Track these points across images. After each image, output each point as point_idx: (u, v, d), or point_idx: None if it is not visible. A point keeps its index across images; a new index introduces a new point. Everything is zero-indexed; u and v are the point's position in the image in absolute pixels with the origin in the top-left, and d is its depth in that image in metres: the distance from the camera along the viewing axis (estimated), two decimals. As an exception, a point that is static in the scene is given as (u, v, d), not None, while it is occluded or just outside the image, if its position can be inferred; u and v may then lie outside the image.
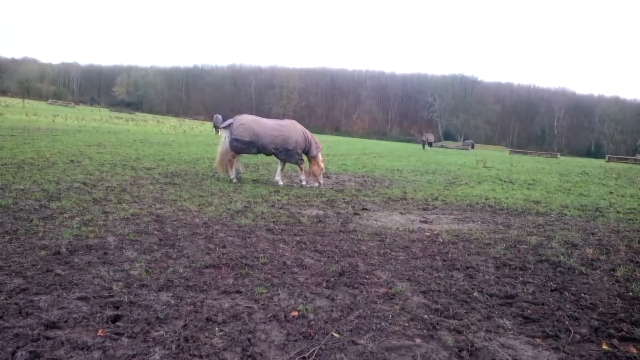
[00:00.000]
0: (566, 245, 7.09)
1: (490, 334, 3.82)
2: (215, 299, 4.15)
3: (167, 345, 3.24)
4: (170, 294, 4.17)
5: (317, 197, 10.42)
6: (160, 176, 11.59)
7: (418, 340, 3.61)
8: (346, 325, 3.79)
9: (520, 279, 5.33)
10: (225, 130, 12.16)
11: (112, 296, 4.01)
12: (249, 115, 12.64)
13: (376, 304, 4.30)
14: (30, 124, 27.18)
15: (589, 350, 3.62)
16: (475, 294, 4.71)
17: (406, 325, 3.87)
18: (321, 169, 12.81)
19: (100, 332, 3.35)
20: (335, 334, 3.60)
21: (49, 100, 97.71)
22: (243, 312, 3.88)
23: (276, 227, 7.14)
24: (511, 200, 12.06)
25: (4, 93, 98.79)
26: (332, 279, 4.90)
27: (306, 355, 3.25)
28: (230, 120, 12.19)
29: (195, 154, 19.29)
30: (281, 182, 12.36)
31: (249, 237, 6.41)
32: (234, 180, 11.87)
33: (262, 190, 10.88)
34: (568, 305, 4.51)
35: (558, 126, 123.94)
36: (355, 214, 8.86)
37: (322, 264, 5.46)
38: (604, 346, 3.68)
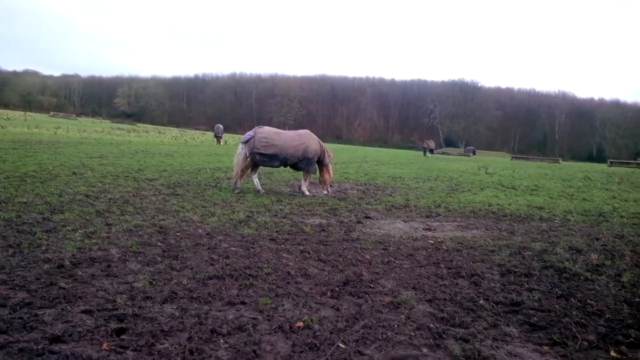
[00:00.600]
0: (571, 251, 7.06)
1: (497, 342, 3.79)
2: (219, 311, 4.13)
3: (172, 357, 3.23)
4: (175, 306, 4.15)
5: (320, 206, 10.40)
6: (162, 187, 11.60)
7: (425, 350, 3.58)
8: (352, 335, 3.77)
9: (526, 285, 5.30)
10: (244, 144, 11.99)
11: (116, 309, 3.99)
12: (269, 127, 12.64)
13: (381, 313, 4.28)
14: (32, 137, 27.26)
15: (597, 357, 3.60)
16: (481, 301, 4.69)
17: (412, 334, 3.84)
18: (331, 177, 13.05)
19: (105, 346, 3.33)
20: (341, 345, 3.58)
21: (51, 113, 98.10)
22: (248, 324, 3.86)
23: (279, 237, 7.13)
24: (514, 206, 12.03)
25: (6, 106, 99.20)
26: (337, 289, 4.88)
27: (312, 366, 3.23)
28: (250, 134, 12.07)
29: (197, 164, 19.31)
30: (307, 192, 12.42)
31: (252, 247, 6.39)
32: (237, 191, 11.85)
33: (265, 199, 10.87)
34: (574, 312, 4.49)
35: (559, 131, 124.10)
36: (359, 222, 8.84)
37: (326, 273, 5.44)
38: (612, 353, 3.65)
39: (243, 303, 4.34)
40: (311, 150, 12.34)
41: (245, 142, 11.97)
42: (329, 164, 12.90)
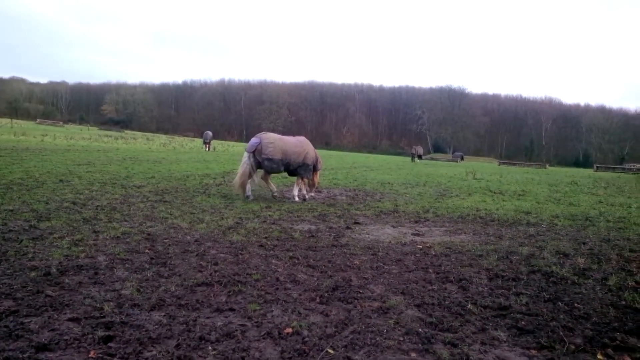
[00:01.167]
0: (558, 255, 7.11)
1: (486, 346, 3.81)
2: (208, 317, 4.11)
3: (161, 365, 3.20)
4: (163, 313, 4.13)
5: (309, 212, 10.40)
6: (150, 194, 11.53)
7: (413, 355, 3.59)
8: (341, 340, 3.77)
9: (514, 290, 5.33)
10: (250, 153, 11.87)
11: (104, 317, 3.96)
12: (272, 133, 12.68)
13: (370, 318, 4.28)
14: (18, 144, 27.01)
15: (584, 360, 3.62)
16: (469, 306, 4.71)
17: (401, 339, 3.85)
18: (318, 182, 13.45)
19: (92, 354, 3.30)
20: (330, 350, 3.58)
21: (38, 120, 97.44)
22: (236, 330, 3.85)
23: (268, 243, 7.12)
24: (502, 211, 12.11)
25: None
26: (326, 294, 4.88)
27: (301, 372, 3.22)
28: (256, 140, 12.01)
29: (185, 170, 19.23)
30: (297, 198, 12.48)
31: (241, 254, 6.37)
32: (251, 198, 11.91)
33: (254, 206, 10.85)
34: (562, 316, 4.52)
35: (546, 137, 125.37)
36: (348, 227, 8.85)
37: (315, 279, 5.44)
38: (599, 356, 3.68)
39: (232, 309, 4.32)
40: (310, 157, 12.56)
41: (253, 151, 11.88)
42: (319, 170, 13.22)
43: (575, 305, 4.85)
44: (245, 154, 11.98)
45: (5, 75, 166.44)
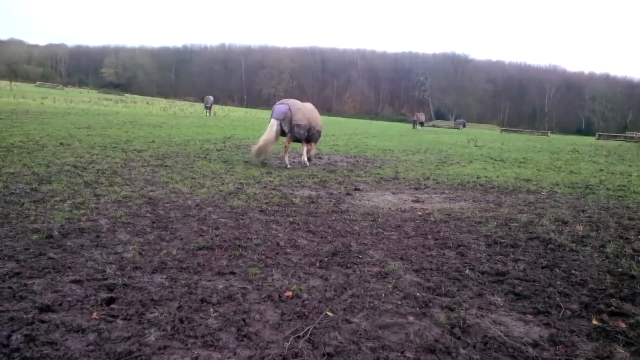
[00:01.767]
0: (557, 223, 7.15)
1: (482, 311, 3.86)
2: (209, 280, 4.16)
3: (162, 326, 3.26)
4: (164, 276, 4.18)
5: (310, 178, 10.41)
6: (151, 158, 11.53)
7: (411, 318, 3.64)
8: (340, 304, 3.82)
9: (511, 256, 5.38)
10: (279, 120, 11.79)
11: (106, 279, 4.01)
12: (293, 99, 12.63)
13: (369, 283, 4.33)
14: (18, 107, 26.87)
15: (580, 325, 3.68)
16: (467, 271, 4.75)
17: (399, 303, 3.90)
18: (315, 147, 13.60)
19: (95, 315, 3.35)
20: (329, 313, 3.63)
21: (37, 83, 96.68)
22: (237, 293, 3.90)
23: (269, 209, 7.15)
24: (502, 178, 12.12)
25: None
26: (326, 259, 4.92)
27: (300, 334, 3.28)
28: (284, 107, 11.90)
29: (186, 135, 19.18)
30: (309, 163, 12.71)
31: (242, 219, 6.41)
32: (289, 166, 11.97)
33: (254, 171, 10.86)
34: (559, 282, 4.57)
35: (549, 104, 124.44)
36: (348, 194, 8.87)
37: (315, 244, 5.48)
38: (594, 321, 3.74)
39: (232, 273, 4.37)
40: (320, 122, 12.75)
41: (282, 118, 11.78)
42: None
43: (572, 271, 4.90)
44: (273, 121, 11.87)
45: (4, 37, 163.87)
